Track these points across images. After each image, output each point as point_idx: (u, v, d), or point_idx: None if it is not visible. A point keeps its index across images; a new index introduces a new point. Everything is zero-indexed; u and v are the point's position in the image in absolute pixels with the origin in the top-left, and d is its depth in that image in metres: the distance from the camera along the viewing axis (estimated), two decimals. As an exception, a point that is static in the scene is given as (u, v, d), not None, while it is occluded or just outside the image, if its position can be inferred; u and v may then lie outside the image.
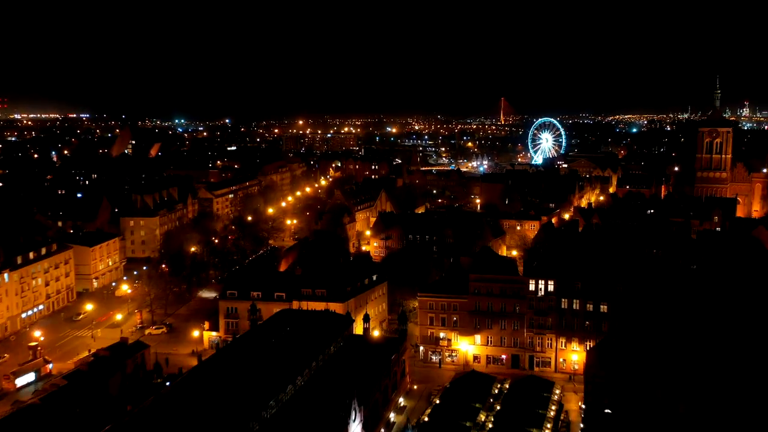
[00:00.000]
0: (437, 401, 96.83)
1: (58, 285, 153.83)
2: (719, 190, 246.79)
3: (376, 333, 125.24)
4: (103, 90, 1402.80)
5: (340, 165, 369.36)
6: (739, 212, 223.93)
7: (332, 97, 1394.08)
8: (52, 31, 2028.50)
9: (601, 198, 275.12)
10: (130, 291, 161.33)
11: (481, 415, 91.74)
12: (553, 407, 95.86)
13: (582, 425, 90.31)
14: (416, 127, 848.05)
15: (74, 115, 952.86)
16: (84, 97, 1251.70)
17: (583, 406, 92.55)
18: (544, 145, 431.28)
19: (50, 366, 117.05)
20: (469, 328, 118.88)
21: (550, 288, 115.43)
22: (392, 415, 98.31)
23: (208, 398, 77.32)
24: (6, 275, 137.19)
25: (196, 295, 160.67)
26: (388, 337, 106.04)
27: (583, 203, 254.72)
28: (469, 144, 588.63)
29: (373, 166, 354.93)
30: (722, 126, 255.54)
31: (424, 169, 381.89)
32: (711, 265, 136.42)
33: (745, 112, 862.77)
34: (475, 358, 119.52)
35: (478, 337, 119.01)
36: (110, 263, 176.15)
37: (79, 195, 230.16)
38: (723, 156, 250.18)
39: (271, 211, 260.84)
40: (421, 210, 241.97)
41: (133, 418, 77.05)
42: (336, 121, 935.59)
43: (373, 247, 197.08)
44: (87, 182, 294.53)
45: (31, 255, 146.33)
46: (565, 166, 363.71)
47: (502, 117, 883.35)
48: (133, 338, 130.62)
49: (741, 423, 77.12)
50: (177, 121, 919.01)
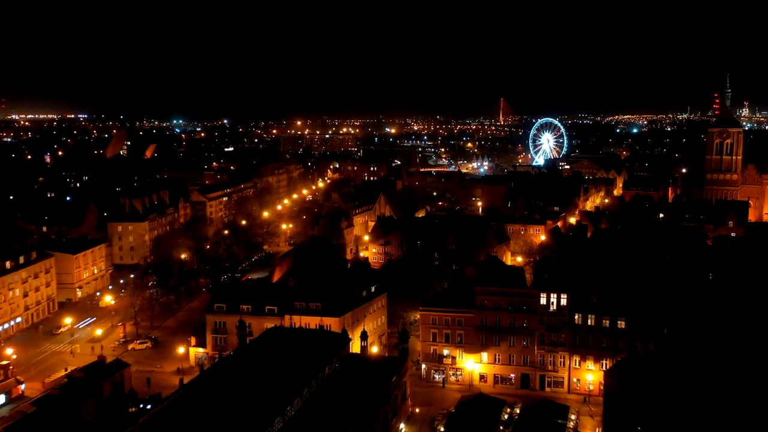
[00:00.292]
0: (442, 429, 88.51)
1: (38, 296, 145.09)
2: (730, 192, 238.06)
3: (375, 349, 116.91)
4: (102, 90, 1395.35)
5: (338, 166, 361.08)
6: (750, 216, 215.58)
7: (331, 97, 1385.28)
8: (50, 31, 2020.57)
9: (606, 201, 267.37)
10: (113, 302, 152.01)
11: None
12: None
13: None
14: (415, 128, 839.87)
15: (72, 116, 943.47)
16: (82, 98, 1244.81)
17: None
18: (545, 146, 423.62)
19: (22, 387, 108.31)
20: (475, 345, 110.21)
21: (563, 302, 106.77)
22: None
23: (187, 433, 68.83)
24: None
25: (185, 306, 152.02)
26: (388, 357, 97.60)
27: (588, 206, 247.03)
28: (469, 144, 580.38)
29: (372, 168, 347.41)
30: (733, 126, 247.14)
31: (423, 170, 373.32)
32: (734, 274, 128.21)
33: (745, 112, 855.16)
34: (482, 378, 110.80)
35: (485, 355, 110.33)
36: (95, 271, 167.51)
37: (69, 198, 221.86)
38: (734, 157, 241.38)
39: (266, 214, 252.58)
40: (421, 214, 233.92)
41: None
42: (335, 121, 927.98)
43: (371, 253, 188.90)
44: (78, 185, 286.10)
45: (8, 264, 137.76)
46: (568, 167, 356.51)
47: (501, 117, 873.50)
48: (116, 353, 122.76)
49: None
50: (175, 122, 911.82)
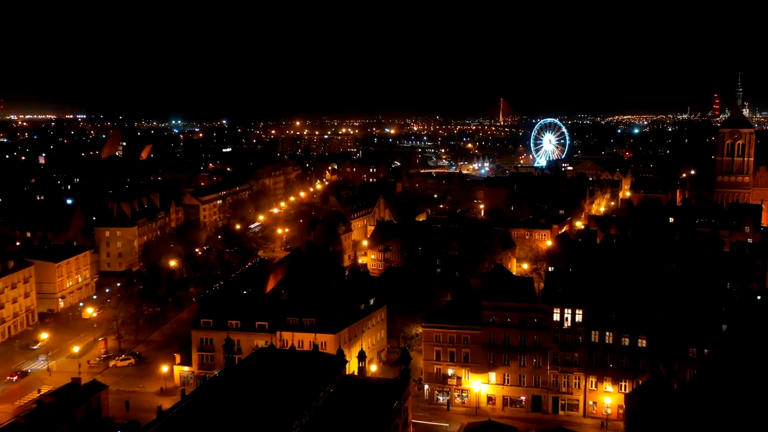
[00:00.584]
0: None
1: (16, 307, 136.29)
2: (741, 195, 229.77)
3: (374, 368, 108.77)
4: (100, 91, 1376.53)
5: (336, 168, 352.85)
6: (762, 220, 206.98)
7: (330, 98, 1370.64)
8: (49, 31, 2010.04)
9: (612, 203, 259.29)
10: (95, 314, 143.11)
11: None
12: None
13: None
14: (415, 128, 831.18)
15: (70, 116, 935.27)
16: (81, 98, 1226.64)
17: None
18: (547, 147, 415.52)
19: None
20: (483, 365, 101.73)
21: (578, 318, 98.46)
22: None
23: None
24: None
25: (173, 318, 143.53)
26: (388, 380, 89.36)
27: (594, 210, 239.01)
28: (469, 145, 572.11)
29: (371, 169, 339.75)
30: (744, 127, 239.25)
31: (423, 171, 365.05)
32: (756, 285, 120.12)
33: (745, 112, 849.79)
34: (490, 400, 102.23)
35: (493, 375, 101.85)
36: (80, 279, 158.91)
37: (58, 201, 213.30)
38: (745, 159, 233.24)
39: (261, 218, 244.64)
40: (422, 217, 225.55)
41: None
42: (334, 121, 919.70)
43: (370, 259, 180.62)
44: (69, 187, 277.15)
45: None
46: (571, 168, 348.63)
47: (501, 118, 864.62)
48: (95, 371, 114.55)
49: None
50: (173, 122, 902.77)
